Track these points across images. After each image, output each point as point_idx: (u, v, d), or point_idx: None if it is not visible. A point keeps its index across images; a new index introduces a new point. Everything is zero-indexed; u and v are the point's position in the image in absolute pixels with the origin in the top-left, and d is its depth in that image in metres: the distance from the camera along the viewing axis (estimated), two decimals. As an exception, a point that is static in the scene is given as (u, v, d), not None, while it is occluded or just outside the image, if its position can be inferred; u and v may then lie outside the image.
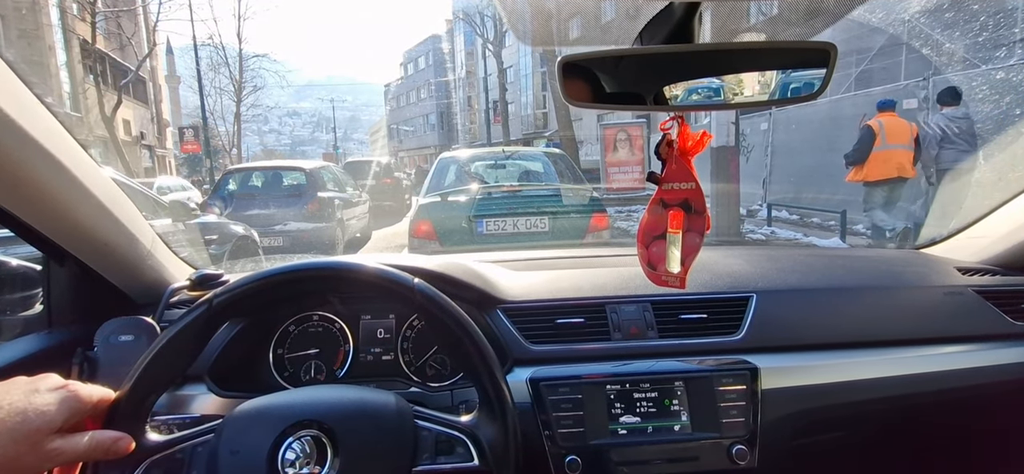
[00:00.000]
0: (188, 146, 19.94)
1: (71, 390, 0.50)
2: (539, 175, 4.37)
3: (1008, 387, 0.93)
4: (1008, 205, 1.11)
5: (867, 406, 0.89)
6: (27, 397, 0.47)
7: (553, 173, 4.34)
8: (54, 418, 0.47)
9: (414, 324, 0.97)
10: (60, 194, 0.71)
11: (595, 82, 0.64)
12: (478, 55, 29.74)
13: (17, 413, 0.45)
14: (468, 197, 3.70)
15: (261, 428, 0.57)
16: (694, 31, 0.61)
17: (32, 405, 0.47)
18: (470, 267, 0.98)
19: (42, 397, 0.48)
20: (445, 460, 0.61)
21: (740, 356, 0.88)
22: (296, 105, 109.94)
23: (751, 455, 0.81)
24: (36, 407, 0.47)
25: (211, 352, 0.86)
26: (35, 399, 0.47)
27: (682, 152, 0.69)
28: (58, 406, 0.48)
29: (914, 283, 1.05)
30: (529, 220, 3.50)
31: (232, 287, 0.63)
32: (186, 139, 20.18)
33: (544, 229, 3.47)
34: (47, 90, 12.20)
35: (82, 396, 0.51)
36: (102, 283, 0.87)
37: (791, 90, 0.67)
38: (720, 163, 6.08)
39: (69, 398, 0.49)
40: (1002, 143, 5.08)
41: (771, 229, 7.33)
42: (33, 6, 13.31)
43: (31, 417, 0.46)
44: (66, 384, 0.50)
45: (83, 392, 0.51)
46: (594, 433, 0.81)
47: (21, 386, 0.48)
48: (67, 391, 0.50)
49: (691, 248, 0.71)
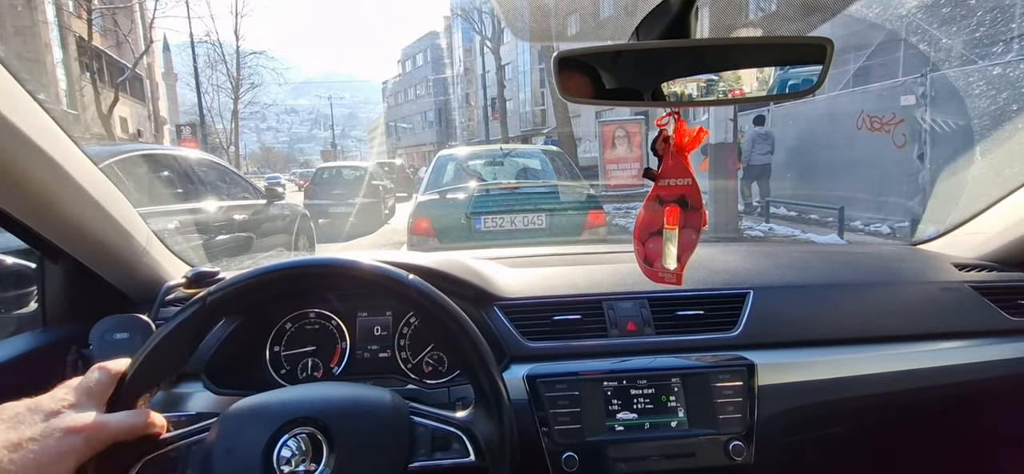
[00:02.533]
0: (185, 143, 19.70)
1: (91, 427, 0.48)
2: (537, 172, 4.41)
3: (1004, 383, 0.93)
4: (1005, 201, 1.11)
5: (864, 402, 0.89)
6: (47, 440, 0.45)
7: (551, 170, 4.39)
8: (81, 456, 0.47)
9: (411, 321, 0.97)
10: (54, 191, 0.71)
11: (591, 77, 0.64)
12: (476, 52, 29.59)
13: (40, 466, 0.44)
14: (466, 195, 3.73)
15: (256, 426, 0.57)
16: (690, 26, 0.60)
17: (57, 448, 0.45)
18: (467, 264, 0.98)
19: (66, 442, 0.46)
20: (441, 456, 0.60)
21: (737, 352, 0.88)
22: (294, 102, 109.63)
23: (748, 451, 0.81)
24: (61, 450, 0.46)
25: (207, 349, 0.85)
26: (58, 444, 0.46)
27: (678, 148, 0.69)
28: (83, 446, 0.47)
29: (911, 279, 1.05)
30: (527, 217, 3.54)
31: (226, 285, 0.62)
32: (184, 136, 19.94)
33: (541, 226, 3.51)
34: (43, 87, 12.13)
35: (109, 428, 0.50)
36: (97, 281, 0.87)
37: (789, 86, 0.67)
38: (718, 160, 6.10)
39: (90, 437, 0.48)
40: (998, 139, 5.09)
41: (769, 226, 7.35)
42: (29, 3, 13.20)
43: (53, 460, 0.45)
44: (84, 426, 0.48)
45: (109, 423, 0.50)
46: (591, 430, 0.81)
47: (39, 427, 0.46)
48: (89, 431, 0.48)
49: (687, 244, 0.71)
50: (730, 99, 0.70)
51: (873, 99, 6.94)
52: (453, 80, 41.01)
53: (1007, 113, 5.36)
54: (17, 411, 0.47)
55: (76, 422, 0.47)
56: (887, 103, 6.63)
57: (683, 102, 0.68)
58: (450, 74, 41.43)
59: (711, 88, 0.66)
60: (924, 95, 6.01)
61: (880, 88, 7.03)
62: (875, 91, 7.07)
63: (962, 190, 4.34)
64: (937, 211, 4.71)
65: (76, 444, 0.46)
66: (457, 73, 40.35)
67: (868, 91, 7.25)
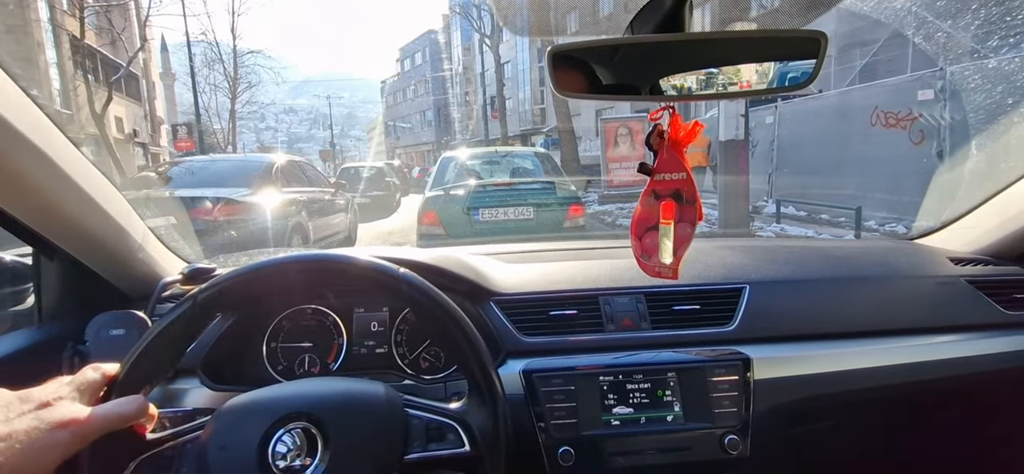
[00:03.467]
0: (181, 144, 19.46)
1: (81, 421, 0.48)
2: (528, 171, 4.94)
3: (999, 376, 0.94)
4: (1000, 196, 1.12)
5: (859, 395, 0.90)
6: (33, 432, 0.45)
7: (540, 170, 4.94)
8: (67, 450, 0.47)
9: (408, 317, 0.97)
10: (49, 189, 0.71)
11: (586, 72, 0.64)
12: (475, 50, 29.36)
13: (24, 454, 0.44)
14: (466, 191, 4.27)
15: (250, 422, 0.56)
16: (685, 21, 0.60)
17: (43, 442, 0.45)
18: (463, 259, 0.98)
19: (54, 436, 0.46)
20: (436, 447, 0.61)
21: (733, 347, 0.88)
22: (293, 102, 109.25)
23: (743, 444, 0.81)
24: (46, 443, 0.45)
25: (204, 345, 0.85)
26: (44, 438, 0.46)
27: (673, 142, 0.69)
28: (71, 439, 0.47)
29: (907, 273, 1.06)
30: (518, 210, 4.15)
31: (216, 283, 0.62)
32: (180, 136, 19.71)
33: (530, 218, 4.13)
34: (37, 86, 12.03)
35: (93, 422, 0.49)
36: (93, 278, 0.87)
37: (788, 78, 0.67)
38: (729, 157, 5.97)
39: (78, 431, 0.48)
40: (995, 133, 5.08)
41: (780, 226, 6.97)
42: (21, 1, 13.11)
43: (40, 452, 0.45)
44: (73, 419, 0.48)
45: (93, 415, 0.50)
46: (587, 424, 0.81)
47: (28, 421, 0.46)
48: (78, 425, 0.48)
49: (683, 238, 0.71)
50: (726, 93, 0.70)
51: (889, 94, 6.69)
52: (452, 79, 40.69)
53: (1003, 107, 5.34)
54: (7, 401, 0.47)
55: (64, 415, 0.47)
56: (904, 98, 6.37)
57: (679, 96, 0.68)
58: (449, 72, 41.14)
59: (707, 82, 0.66)
60: (942, 90, 5.78)
61: (897, 83, 6.78)
62: (892, 86, 6.81)
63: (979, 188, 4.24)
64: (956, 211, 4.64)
65: (62, 438, 0.46)
66: (456, 71, 40.02)
67: (885, 85, 6.96)
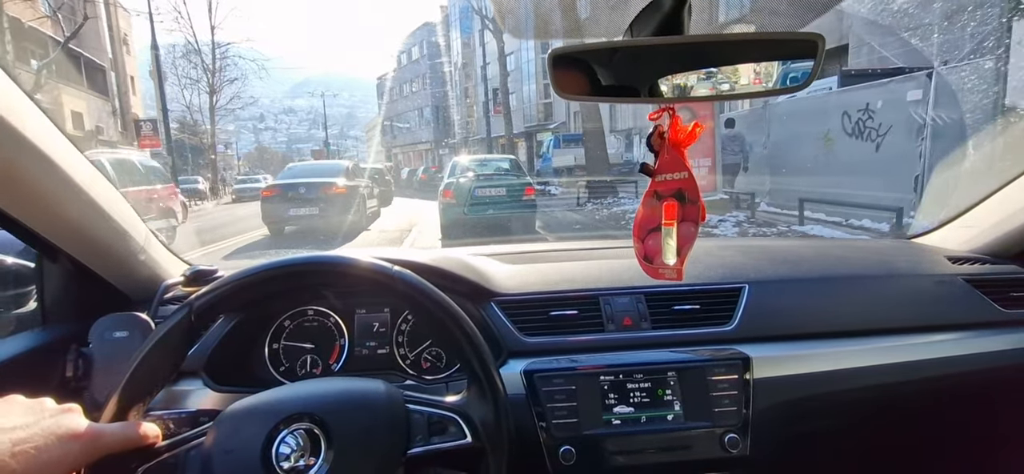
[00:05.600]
0: (146, 141, 17.60)
1: (93, 436, 0.49)
2: (505, 169, 8.72)
3: (997, 374, 0.94)
4: (997, 195, 1.12)
5: (858, 394, 0.90)
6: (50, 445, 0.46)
7: (513, 168, 8.79)
8: (77, 462, 0.48)
9: (409, 318, 0.98)
10: (52, 191, 0.71)
11: (587, 74, 0.65)
12: (475, 44, 28.15)
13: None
14: (467, 179, 7.79)
15: (253, 425, 0.57)
16: (684, 23, 0.61)
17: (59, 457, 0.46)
18: (464, 260, 0.98)
19: (67, 446, 0.47)
20: (438, 440, 0.61)
21: (732, 346, 0.89)
22: (292, 102, 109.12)
23: (743, 443, 0.82)
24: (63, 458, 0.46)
25: (207, 347, 0.86)
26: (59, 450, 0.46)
27: (674, 143, 0.69)
28: (82, 452, 0.48)
29: (905, 272, 1.06)
30: (497, 190, 7.72)
31: (211, 289, 0.63)
32: (144, 133, 17.92)
33: (503, 195, 7.68)
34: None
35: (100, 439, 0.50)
36: (96, 280, 0.87)
37: (789, 79, 0.67)
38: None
39: (88, 446, 0.49)
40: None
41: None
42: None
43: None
44: (86, 432, 0.49)
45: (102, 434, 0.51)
46: (588, 423, 0.81)
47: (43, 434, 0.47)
48: (89, 438, 0.49)
49: (687, 238, 0.71)
50: (726, 94, 0.70)
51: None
52: (451, 73, 39.65)
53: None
54: (17, 409, 0.47)
55: (77, 427, 0.48)
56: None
57: (679, 98, 0.68)
58: (448, 67, 39.95)
59: (707, 83, 0.66)
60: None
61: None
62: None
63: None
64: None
65: (73, 450, 0.47)
66: (455, 65, 38.52)
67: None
